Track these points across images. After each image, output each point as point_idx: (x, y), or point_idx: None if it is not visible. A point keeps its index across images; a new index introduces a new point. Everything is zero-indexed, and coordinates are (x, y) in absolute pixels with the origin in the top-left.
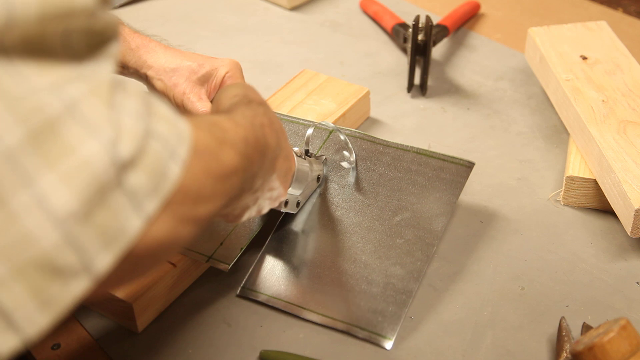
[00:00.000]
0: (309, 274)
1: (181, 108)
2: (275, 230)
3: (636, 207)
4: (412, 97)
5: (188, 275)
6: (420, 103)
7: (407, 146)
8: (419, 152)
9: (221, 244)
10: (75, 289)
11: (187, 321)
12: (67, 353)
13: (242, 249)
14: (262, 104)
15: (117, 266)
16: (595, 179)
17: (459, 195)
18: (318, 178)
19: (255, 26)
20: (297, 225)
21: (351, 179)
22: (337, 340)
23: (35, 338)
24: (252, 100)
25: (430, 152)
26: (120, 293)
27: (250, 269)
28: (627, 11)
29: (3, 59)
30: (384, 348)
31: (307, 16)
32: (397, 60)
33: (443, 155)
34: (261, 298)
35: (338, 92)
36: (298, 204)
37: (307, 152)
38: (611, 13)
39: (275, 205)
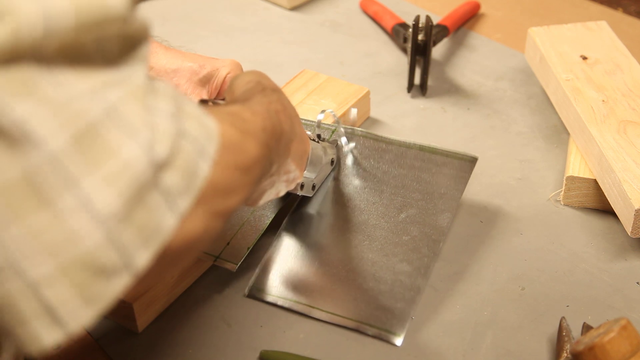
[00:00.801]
0: (316, 273)
1: None
2: (280, 231)
3: (636, 207)
4: (412, 97)
5: (188, 276)
6: (420, 103)
7: (410, 143)
8: (422, 149)
9: (228, 243)
10: (117, 286)
11: (187, 321)
12: (67, 353)
13: (249, 248)
14: (276, 90)
15: (155, 263)
16: (595, 179)
17: (464, 190)
18: (332, 161)
19: (255, 26)
20: (303, 226)
21: (352, 176)
22: (338, 340)
23: (78, 332)
24: (266, 87)
25: (433, 148)
26: None
27: (257, 270)
28: (627, 11)
29: (44, 67)
30: (394, 344)
31: (307, 16)
32: (397, 60)
33: (446, 150)
34: (269, 298)
35: (338, 92)
36: (314, 187)
37: (319, 136)
38: (611, 13)
39: (291, 187)
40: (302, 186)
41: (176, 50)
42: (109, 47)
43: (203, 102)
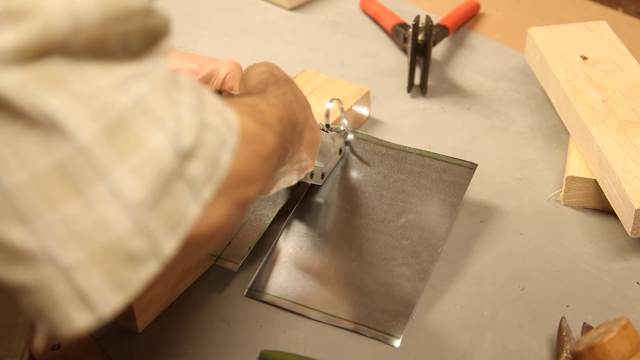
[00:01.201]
0: (316, 275)
1: None
2: (281, 232)
3: (636, 207)
4: (412, 97)
5: (188, 275)
6: (420, 103)
7: (410, 148)
8: (422, 154)
9: (229, 243)
10: (146, 272)
11: (187, 321)
12: (67, 353)
13: (250, 247)
14: (289, 81)
15: (180, 250)
16: (595, 179)
17: (463, 196)
18: (340, 150)
19: (255, 26)
20: (304, 227)
21: (353, 180)
22: (337, 340)
23: (108, 316)
24: (279, 78)
25: (433, 153)
26: None
27: (257, 271)
28: (627, 11)
29: (72, 61)
30: (392, 346)
31: (307, 16)
32: (397, 60)
33: (446, 156)
34: (268, 299)
35: (338, 92)
36: (323, 175)
37: (327, 126)
38: (611, 13)
39: (302, 176)
40: (312, 175)
41: (175, 51)
42: (132, 40)
43: (217, 93)
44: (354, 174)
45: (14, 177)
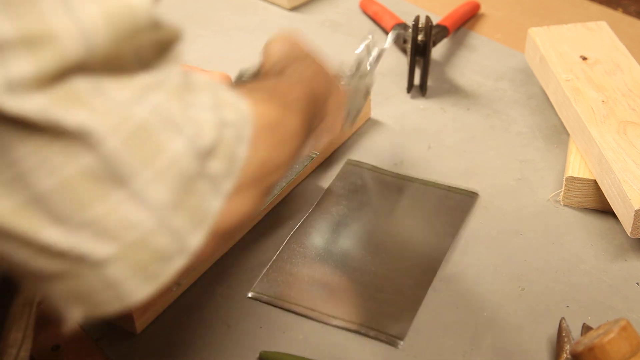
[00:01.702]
0: (319, 281)
1: None
2: (288, 239)
3: (636, 207)
4: (412, 97)
5: (187, 276)
6: (420, 103)
7: (413, 177)
8: (425, 183)
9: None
10: (174, 266)
11: (186, 322)
12: (67, 354)
13: (194, 268)
14: (307, 55)
15: (209, 241)
16: (595, 180)
17: (465, 219)
18: (367, 92)
19: (255, 26)
20: (310, 237)
21: (359, 202)
22: (337, 341)
23: (139, 305)
24: (298, 55)
25: (435, 182)
26: None
27: (261, 275)
28: (627, 11)
29: (89, 79)
30: (392, 347)
31: (307, 16)
32: (397, 61)
33: (447, 186)
34: (271, 301)
35: None
36: (351, 119)
37: (357, 67)
38: (611, 13)
39: (330, 138)
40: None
41: None
42: (145, 53)
43: (240, 79)
44: (359, 196)
45: (46, 183)
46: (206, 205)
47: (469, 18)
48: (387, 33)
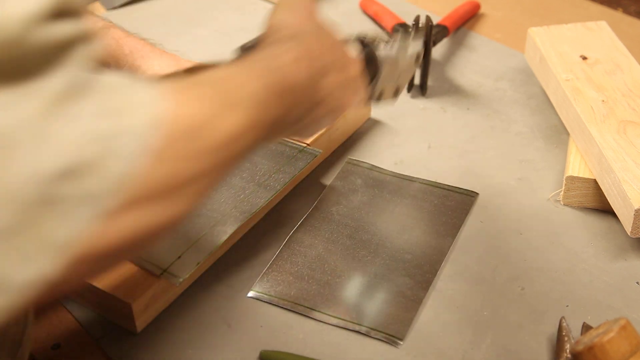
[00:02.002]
0: (319, 281)
1: None
2: (289, 237)
3: (636, 207)
4: (412, 97)
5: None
6: (420, 103)
7: (414, 177)
8: (425, 183)
9: (179, 257)
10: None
11: (186, 321)
12: (67, 353)
13: (198, 263)
14: (296, 34)
15: (77, 267)
16: (595, 179)
17: (464, 219)
18: (417, 57)
19: (255, 26)
20: (311, 236)
21: (361, 197)
22: (337, 340)
23: None
24: (283, 36)
25: (436, 182)
26: (120, 293)
27: (262, 274)
28: (627, 11)
29: None
30: (392, 346)
31: None
32: None
33: (448, 185)
34: (271, 300)
35: None
36: (397, 92)
37: (405, 28)
38: (611, 13)
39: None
40: (380, 96)
41: (171, 55)
42: (28, 60)
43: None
44: (359, 195)
45: None
46: (65, 230)
47: (469, 18)
48: (387, 33)
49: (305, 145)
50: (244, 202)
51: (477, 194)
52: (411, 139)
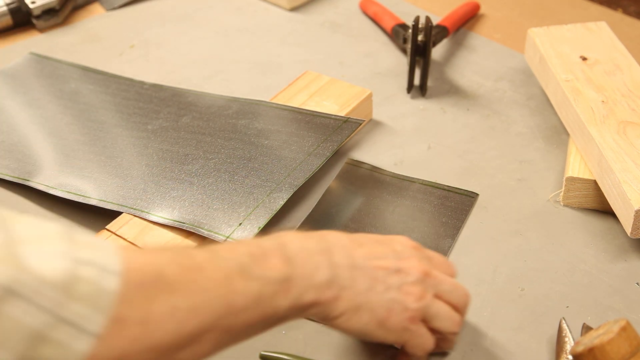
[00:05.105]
0: None
1: None
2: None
3: (636, 207)
4: (412, 97)
5: None
6: (420, 104)
7: (414, 178)
8: (425, 184)
9: (240, 224)
10: None
11: None
12: None
13: (259, 228)
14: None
15: None
16: (595, 180)
17: (464, 220)
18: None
19: (255, 27)
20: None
21: (359, 198)
22: (337, 341)
23: None
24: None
25: (435, 183)
26: None
27: None
28: (626, 12)
29: None
30: (392, 347)
31: (307, 17)
32: (397, 61)
33: (447, 186)
34: None
35: (340, 93)
36: None
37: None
38: (611, 13)
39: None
40: None
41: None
42: None
43: None
44: (359, 196)
45: None
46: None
47: (469, 18)
48: (387, 33)
49: (348, 117)
50: (297, 170)
51: (477, 194)
52: (411, 140)
